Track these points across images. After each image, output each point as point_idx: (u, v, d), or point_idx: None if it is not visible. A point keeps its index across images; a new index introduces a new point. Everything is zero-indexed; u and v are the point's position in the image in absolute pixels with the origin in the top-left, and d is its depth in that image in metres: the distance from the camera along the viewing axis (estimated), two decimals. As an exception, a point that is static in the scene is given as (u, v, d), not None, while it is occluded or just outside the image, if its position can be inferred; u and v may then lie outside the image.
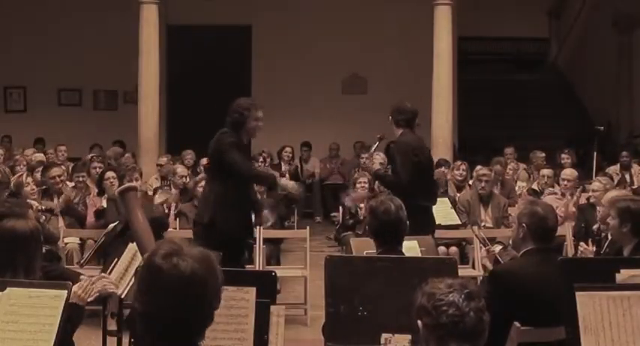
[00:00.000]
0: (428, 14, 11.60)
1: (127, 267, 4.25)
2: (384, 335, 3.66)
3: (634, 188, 9.63)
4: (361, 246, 4.65)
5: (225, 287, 2.34)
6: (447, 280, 2.45)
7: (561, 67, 18.37)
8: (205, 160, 8.69)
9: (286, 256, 8.93)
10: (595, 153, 10.56)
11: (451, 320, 2.35)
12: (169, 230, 7.61)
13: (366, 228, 4.65)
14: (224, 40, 14.47)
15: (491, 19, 17.29)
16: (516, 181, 10.42)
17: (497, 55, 18.48)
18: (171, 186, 8.98)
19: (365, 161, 10.64)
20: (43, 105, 14.60)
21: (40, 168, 8.98)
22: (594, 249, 5.59)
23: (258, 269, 6.78)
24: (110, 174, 8.15)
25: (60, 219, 7.64)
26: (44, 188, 7.93)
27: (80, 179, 8.85)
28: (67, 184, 8.54)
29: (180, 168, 9.21)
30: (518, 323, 3.65)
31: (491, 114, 15.93)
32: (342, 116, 13.93)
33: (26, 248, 3.49)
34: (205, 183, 6.52)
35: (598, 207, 6.95)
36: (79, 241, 7.62)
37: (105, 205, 7.72)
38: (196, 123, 11.59)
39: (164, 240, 2.70)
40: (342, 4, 14.05)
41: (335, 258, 4.18)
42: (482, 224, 8.04)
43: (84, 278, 3.75)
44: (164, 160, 11.09)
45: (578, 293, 3.25)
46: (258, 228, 6.41)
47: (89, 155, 11.42)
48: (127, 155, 11.88)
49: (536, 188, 9.34)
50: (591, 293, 3.26)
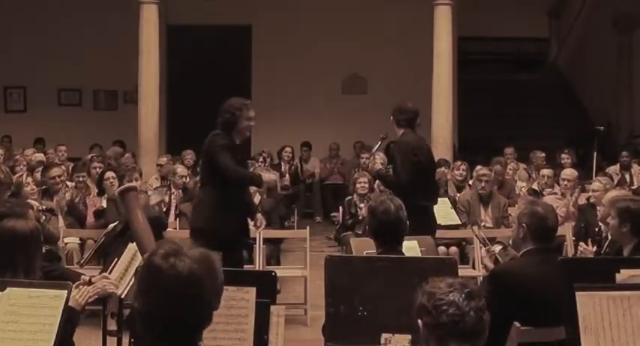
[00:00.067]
0: (428, 14, 11.58)
1: (126, 267, 4.25)
2: (384, 335, 3.65)
3: (634, 188, 9.61)
4: (361, 246, 4.64)
5: (225, 287, 2.34)
6: (448, 279, 2.45)
7: (561, 67, 18.36)
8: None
9: (286, 256, 8.93)
10: (595, 153, 10.55)
11: (451, 319, 2.35)
12: (169, 230, 7.61)
13: (366, 228, 4.65)
14: (224, 40, 14.47)
15: (491, 19, 17.27)
16: (516, 181, 10.41)
17: (497, 55, 18.46)
18: (171, 186, 8.98)
19: (365, 161, 10.65)
20: (43, 105, 14.59)
21: (40, 168, 8.97)
22: (594, 249, 5.59)
23: (258, 269, 6.78)
24: (110, 174, 8.16)
25: (60, 219, 7.64)
26: (44, 188, 7.93)
27: (80, 179, 8.85)
28: (68, 184, 8.54)
29: (180, 168, 9.21)
30: (518, 323, 3.65)
31: (491, 114, 15.92)
32: (342, 116, 13.93)
33: (26, 248, 3.49)
34: (199, 186, 6.41)
35: (598, 207, 6.95)
36: (79, 241, 7.62)
37: (105, 205, 7.73)
38: (196, 123, 11.47)
39: (164, 240, 2.70)
40: (342, 4, 14.04)
41: (335, 257, 4.16)
42: (483, 224, 8.04)
43: (84, 278, 3.74)
44: (164, 160, 11.08)
45: (578, 293, 3.25)
46: (255, 229, 6.32)
47: (89, 155, 11.40)
48: (127, 155, 11.87)
49: (536, 188, 9.33)
50: (591, 293, 3.26)
